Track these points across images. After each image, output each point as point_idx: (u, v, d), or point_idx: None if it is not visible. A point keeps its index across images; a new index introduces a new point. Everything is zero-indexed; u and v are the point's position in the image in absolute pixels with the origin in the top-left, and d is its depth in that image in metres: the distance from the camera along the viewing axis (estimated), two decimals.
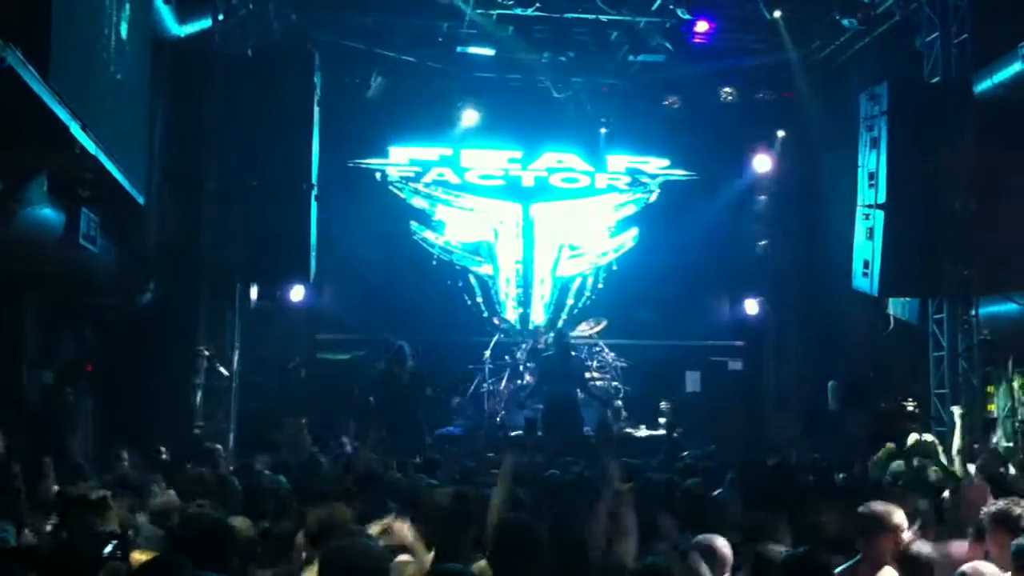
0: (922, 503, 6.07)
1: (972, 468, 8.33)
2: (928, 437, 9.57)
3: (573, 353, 12.88)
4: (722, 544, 4.64)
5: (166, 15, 11.11)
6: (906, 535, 4.85)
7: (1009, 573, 4.35)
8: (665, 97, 15.60)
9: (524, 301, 16.76)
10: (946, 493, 6.61)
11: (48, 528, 5.40)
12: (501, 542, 4.31)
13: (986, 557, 4.70)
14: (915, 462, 8.43)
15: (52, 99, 5.87)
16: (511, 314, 16.64)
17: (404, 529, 4.29)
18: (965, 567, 4.22)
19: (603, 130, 16.09)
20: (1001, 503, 4.99)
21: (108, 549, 2.97)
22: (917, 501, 6.05)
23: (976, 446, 10.55)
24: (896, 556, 4.70)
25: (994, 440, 11.59)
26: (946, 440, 9.77)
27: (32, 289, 9.64)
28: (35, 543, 5.09)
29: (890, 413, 13.00)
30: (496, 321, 16.09)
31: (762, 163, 16.58)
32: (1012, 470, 8.30)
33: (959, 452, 9.03)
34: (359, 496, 6.36)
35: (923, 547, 4.75)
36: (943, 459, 8.66)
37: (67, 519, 4.91)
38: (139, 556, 4.35)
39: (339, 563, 3.42)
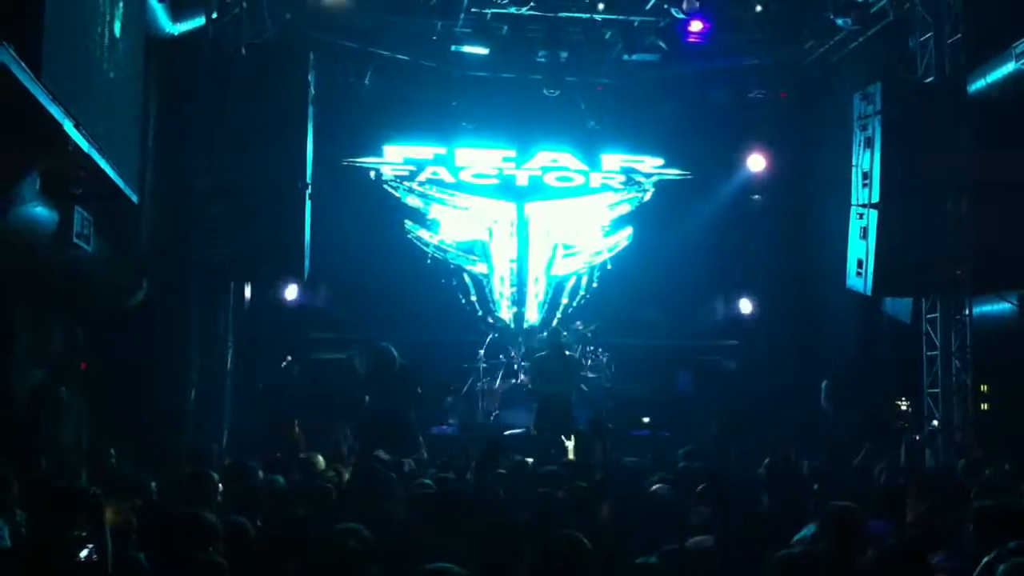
0: None
1: None
2: None
3: (567, 353, 12.87)
4: None
5: (160, 13, 11.08)
6: None
7: None
8: (659, 96, 15.62)
9: (518, 300, 16.76)
10: None
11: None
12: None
13: None
14: None
15: (45, 97, 5.84)
16: (505, 313, 16.64)
17: None
18: None
19: (592, 122, 16.07)
20: None
21: (84, 553, 2.89)
22: None
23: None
24: None
25: None
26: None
27: (24, 287, 9.60)
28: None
29: (883, 413, 13.02)
30: (490, 320, 16.09)
31: (756, 162, 16.61)
32: None
33: None
34: (357, 494, 6.38)
35: None
36: None
37: (52, 517, 4.86)
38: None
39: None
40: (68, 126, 6.31)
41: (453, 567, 4.10)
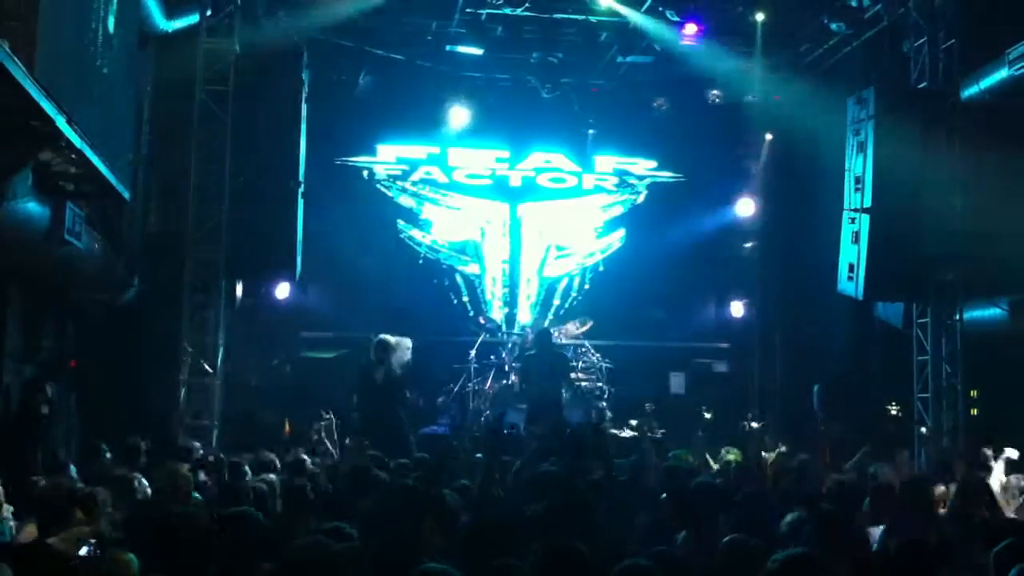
0: None
1: None
2: None
3: (557, 352, 12.87)
4: None
5: (154, 10, 11.06)
6: None
7: None
8: (653, 99, 15.65)
9: (510, 301, 16.75)
10: None
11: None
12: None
13: None
14: None
15: (38, 92, 5.81)
16: (497, 314, 16.62)
17: None
18: None
19: (590, 131, 16.12)
20: None
21: (84, 551, 2.88)
22: None
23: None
24: None
25: None
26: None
27: (15, 283, 9.57)
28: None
29: (874, 417, 13.03)
30: (481, 320, 16.07)
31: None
32: None
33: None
34: (346, 496, 6.37)
35: None
36: None
37: (50, 516, 4.85)
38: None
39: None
40: (61, 122, 6.28)
41: (444, 567, 4.09)
